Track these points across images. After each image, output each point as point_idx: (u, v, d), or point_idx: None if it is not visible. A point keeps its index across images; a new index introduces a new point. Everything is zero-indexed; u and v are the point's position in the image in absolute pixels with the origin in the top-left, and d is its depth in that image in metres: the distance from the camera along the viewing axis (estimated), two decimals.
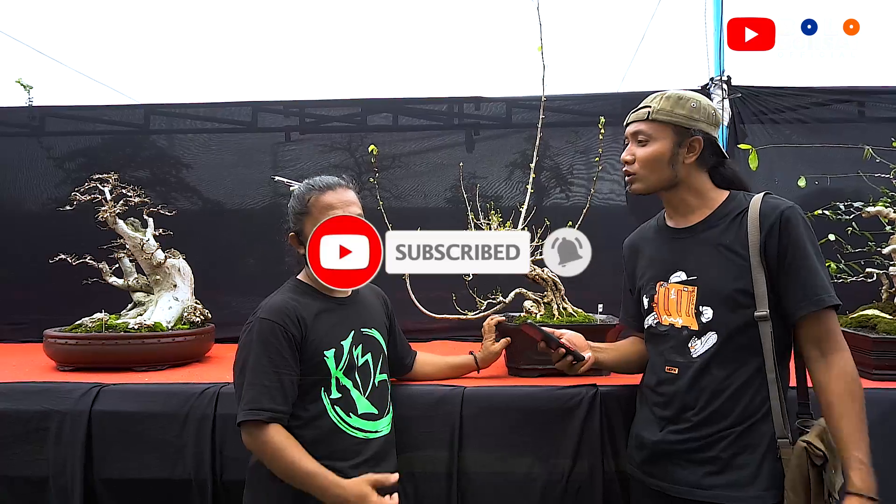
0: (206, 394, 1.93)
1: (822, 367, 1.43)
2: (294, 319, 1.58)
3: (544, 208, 3.15)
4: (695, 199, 1.59)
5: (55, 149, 3.35)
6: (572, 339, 1.69)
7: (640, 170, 1.59)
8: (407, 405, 1.86)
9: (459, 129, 3.34)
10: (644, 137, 1.58)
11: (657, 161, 1.56)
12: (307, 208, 1.67)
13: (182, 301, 2.53)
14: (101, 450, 1.91)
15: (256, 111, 3.38)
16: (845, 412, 1.38)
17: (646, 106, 1.59)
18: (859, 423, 1.37)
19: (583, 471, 1.84)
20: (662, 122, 1.56)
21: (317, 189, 1.69)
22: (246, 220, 3.33)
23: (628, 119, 1.64)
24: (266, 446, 1.50)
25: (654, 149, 1.56)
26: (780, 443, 1.43)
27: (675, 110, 1.55)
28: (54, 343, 2.28)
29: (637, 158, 1.58)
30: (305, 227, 1.67)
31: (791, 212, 1.47)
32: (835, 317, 1.46)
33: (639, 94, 1.65)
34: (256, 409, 1.49)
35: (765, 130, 3.09)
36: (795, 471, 1.39)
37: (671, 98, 1.57)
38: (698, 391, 1.49)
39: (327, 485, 1.49)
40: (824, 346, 1.44)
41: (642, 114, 1.59)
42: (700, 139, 1.56)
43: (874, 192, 2.38)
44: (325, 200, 1.66)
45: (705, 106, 1.58)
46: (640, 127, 1.58)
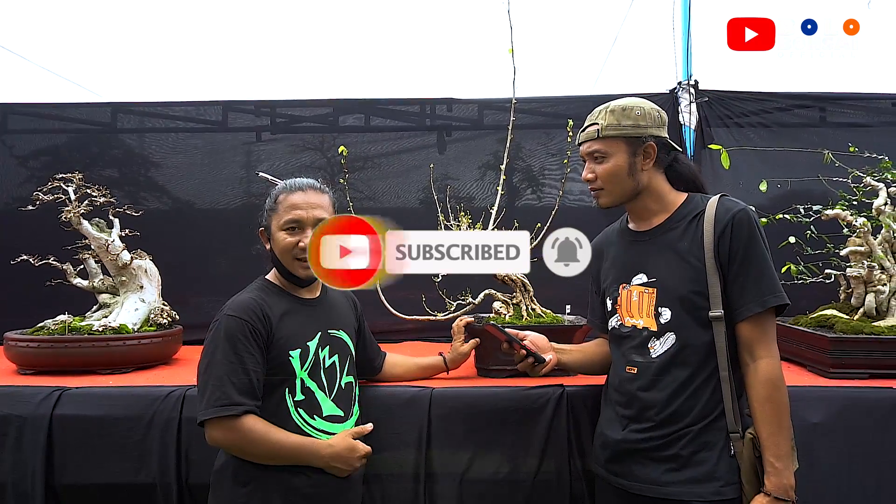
0: (171, 397, 1.91)
1: (750, 372, 1.49)
2: (260, 317, 1.57)
3: (516, 209, 3.18)
4: (655, 203, 1.63)
5: (18, 147, 3.28)
6: (535, 340, 1.72)
7: (604, 185, 1.62)
8: (375, 406, 1.86)
9: (431, 130, 3.34)
10: (600, 155, 1.61)
11: (617, 175, 1.60)
12: (275, 205, 1.69)
13: (149, 303, 2.50)
14: (62, 455, 1.88)
15: (227, 110, 3.35)
16: (764, 418, 1.45)
17: (593, 123, 1.62)
18: (776, 429, 1.44)
19: (549, 470, 1.86)
20: (613, 137, 1.59)
21: (287, 189, 1.70)
22: (217, 221, 3.29)
23: (579, 139, 1.67)
24: (249, 435, 1.49)
25: (611, 164, 1.59)
26: (732, 437, 1.48)
27: (622, 122, 1.58)
28: (15, 346, 2.23)
29: (598, 175, 1.62)
30: (271, 224, 1.68)
31: (743, 214, 1.50)
32: (773, 320, 1.51)
33: (610, 97, 1.67)
34: (228, 405, 1.48)
35: (730, 134, 3.15)
36: (747, 463, 1.46)
37: (615, 111, 1.59)
38: (658, 391, 1.53)
39: (317, 448, 1.56)
40: (756, 351, 1.48)
41: (592, 132, 1.61)
42: (653, 144, 1.60)
43: (834, 196, 2.45)
44: (291, 200, 1.67)
45: (649, 110, 1.61)
46: (594, 146, 1.61)
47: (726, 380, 1.48)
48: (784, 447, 1.44)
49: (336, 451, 1.57)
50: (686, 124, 3.11)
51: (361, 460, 1.62)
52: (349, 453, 1.59)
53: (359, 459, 1.61)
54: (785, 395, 1.48)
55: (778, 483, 1.42)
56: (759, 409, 1.46)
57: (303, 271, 1.64)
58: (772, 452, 1.43)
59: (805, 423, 1.79)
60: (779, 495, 1.41)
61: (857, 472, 1.81)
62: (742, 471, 1.46)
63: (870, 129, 3.11)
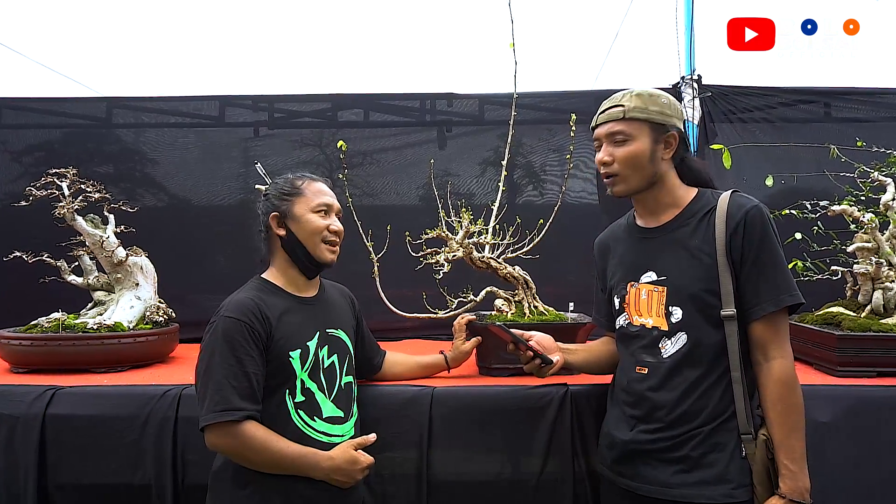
0: (167, 396, 1.87)
1: (763, 372, 1.45)
2: (259, 318, 1.53)
3: (517, 206, 3.15)
4: (667, 197, 1.58)
5: (11, 142, 3.24)
6: (541, 341, 1.68)
7: (621, 170, 1.55)
8: (376, 406, 1.83)
9: (431, 125, 3.31)
10: (622, 137, 1.54)
11: (638, 159, 1.53)
12: (299, 189, 1.68)
13: (144, 300, 2.46)
14: (55, 455, 1.84)
15: (224, 105, 3.31)
16: (776, 420, 1.42)
17: (617, 105, 1.56)
18: (790, 431, 1.41)
19: (553, 470, 1.83)
20: (639, 120, 1.53)
21: (308, 177, 1.72)
22: (214, 217, 3.26)
23: (598, 120, 1.60)
24: (249, 442, 1.46)
25: (634, 147, 1.53)
26: (744, 438, 1.44)
27: (649, 107, 1.53)
28: (8, 344, 2.20)
29: (616, 159, 1.55)
30: (294, 207, 1.66)
31: (756, 210, 1.47)
32: (786, 320, 1.48)
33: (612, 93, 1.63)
34: (229, 410, 1.45)
35: (733, 129, 3.12)
36: (760, 464, 1.42)
37: (643, 96, 1.55)
38: (669, 391, 1.49)
39: (318, 460, 1.52)
40: (769, 351, 1.45)
41: (617, 112, 1.55)
42: (675, 134, 1.56)
43: (839, 192, 2.42)
44: (317, 187, 1.70)
45: (674, 101, 1.58)
46: (616, 126, 1.54)
47: (738, 380, 1.45)
48: (798, 449, 1.41)
49: (336, 464, 1.53)
50: (689, 119, 3.07)
51: (364, 472, 1.58)
52: (350, 466, 1.54)
53: (361, 472, 1.57)
54: (799, 395, 1.44)
55: (793, 486, 1.39)
56: (771, 409, 1.43)
57: (328, 255, 1.67)
58: (786, 455, 1.40)
59: (813, 422, 1.75)
60: (794, 498, 1.38)
61: (866, 472, 1.78)
62: (754, 472, 1.43)
63: (874, 124, 3.07)
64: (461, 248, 2.14)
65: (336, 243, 1.69)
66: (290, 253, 1.67)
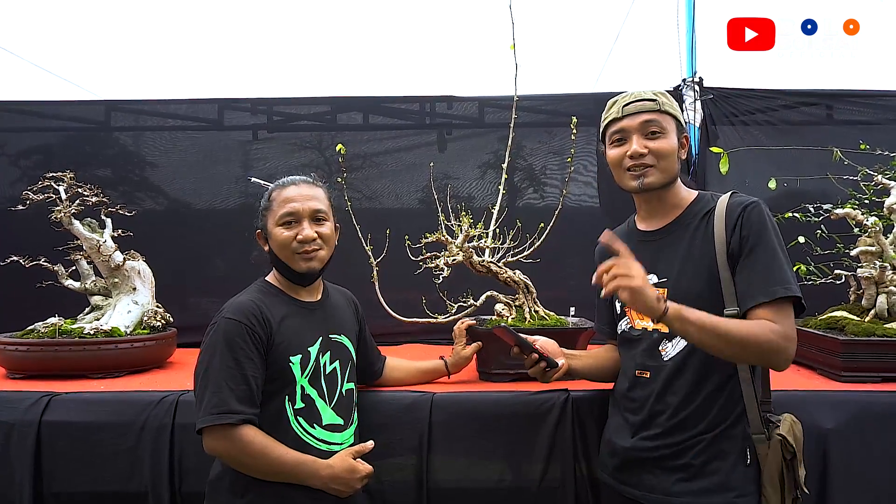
0: (164, 402, 1.86)
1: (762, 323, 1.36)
2: (260, 320, 1.52)
3: (517, 209, 3.12)
4: (674, 198, 1.58)
5: (9, 145, 3.22)
6: (545, 345, 1.66)
7: (657, 160, 1.52)
8: (375, 412, 1.82)
9: (431, 128, 3.29)
10: (658, 129, 1.52)
11: (672, 154, 1.53)
12: (269, 203, 1.65)
13: (142, 305, 2.44)
14: (51, 462, 1.83)
15: (223, 108, 3.29)
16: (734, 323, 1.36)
17: (648, 99, 1.53)
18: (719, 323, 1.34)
19: (555, 477, 1.81)
20: (671, 115, 1.55)
21: (280, 185, 1.67)
22: (213, 221, 3.24)
23: (628, 111, 1.53)
24: (247, 447, 1.44)
25: (669, 142, 1.53)
26: (756, 438, 1.42)
27: (674, 105, 1.57)
28: (4, 349, 2.18)
29: (652, 151, 1.51)
30: (268, 223, 1.64)
31: (754, 206, 1.46)
32: (787, 314, 1.39)
33: (612, 95, 1.62)
34: (226, 413, 1.43)
35: (735, 132, 3.10)
36: (772, 465, 1.40)
37: (665, 94, 1.57)
38: (670, 395, 1.47)
39: (317, 468, 1.50)
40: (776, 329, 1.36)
41: (652, 105, 1.53)
42: (688, 136, 1.59)
43: (842, 195, 2.40)
44: (285, 194, 1.63)
45: None
46: (653, 117, 1.52)
47: (747, 381, 1.43)
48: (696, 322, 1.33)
49: (335, 473, 1.51)
50: (690, 122, 3.05)
51: (363, 482, 1.56)
52: (349, 475, 1.53)
53: (360, 481, 1.55)
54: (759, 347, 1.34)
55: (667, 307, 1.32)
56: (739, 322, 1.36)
57: (303, 264, 1.61)
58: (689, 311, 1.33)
59: (817, 428, 1.74)
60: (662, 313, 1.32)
61: (872, 478, 1.76)
62: (765, 475, 1.40)
63: (878, 126, 3.05)
64: (461, 251, 2.12)
65: (310, 251, 1.60)
66: (276, 266, 1.66)
